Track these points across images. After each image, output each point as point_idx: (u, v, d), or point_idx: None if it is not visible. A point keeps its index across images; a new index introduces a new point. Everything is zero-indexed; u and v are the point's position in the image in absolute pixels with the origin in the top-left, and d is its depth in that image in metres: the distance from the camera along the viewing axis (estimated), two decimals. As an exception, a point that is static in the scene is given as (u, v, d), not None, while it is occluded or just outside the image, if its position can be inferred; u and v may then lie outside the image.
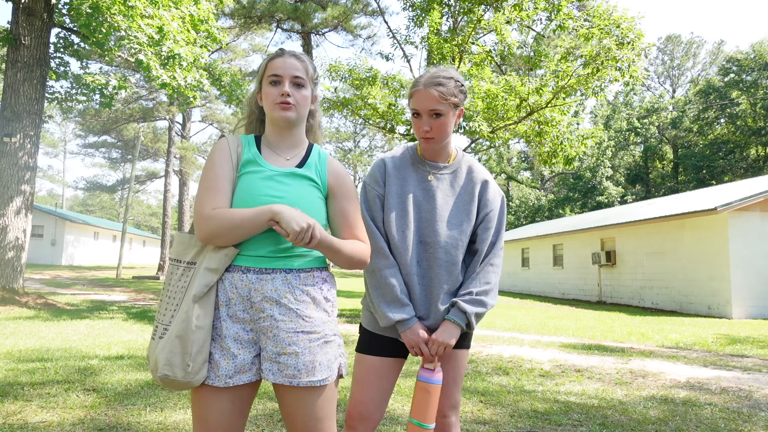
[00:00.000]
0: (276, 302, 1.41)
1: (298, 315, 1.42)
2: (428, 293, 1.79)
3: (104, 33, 8.93)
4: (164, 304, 1.44)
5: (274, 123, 1.55)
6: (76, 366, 4.53)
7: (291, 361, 1.39)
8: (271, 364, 1.40)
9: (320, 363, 1.41)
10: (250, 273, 1.42)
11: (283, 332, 1.40)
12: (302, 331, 1.41)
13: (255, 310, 1.42)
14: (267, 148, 1.56)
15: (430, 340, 1.73)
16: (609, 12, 9.18)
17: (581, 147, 10.11)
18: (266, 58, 1.57)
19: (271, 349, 1.40)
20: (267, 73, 1.53)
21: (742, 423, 3.43)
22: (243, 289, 1.42)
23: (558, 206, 43.21)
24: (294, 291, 1.43)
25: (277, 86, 1.51)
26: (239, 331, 1.42)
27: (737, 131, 37.46)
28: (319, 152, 1.61)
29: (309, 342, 1.41)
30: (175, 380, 1.35)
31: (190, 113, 33.25)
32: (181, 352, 1.34)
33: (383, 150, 43.35)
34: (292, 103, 1.50)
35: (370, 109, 10.44)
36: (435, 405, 1.70)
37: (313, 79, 1.58)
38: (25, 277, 10.01)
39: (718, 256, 12.55)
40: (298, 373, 1.39)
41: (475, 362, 5.40)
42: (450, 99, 1.72)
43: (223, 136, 1.58)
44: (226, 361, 1.39)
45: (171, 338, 1.36)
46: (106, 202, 65.50)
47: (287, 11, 18.50)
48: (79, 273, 23.39)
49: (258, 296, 1.41)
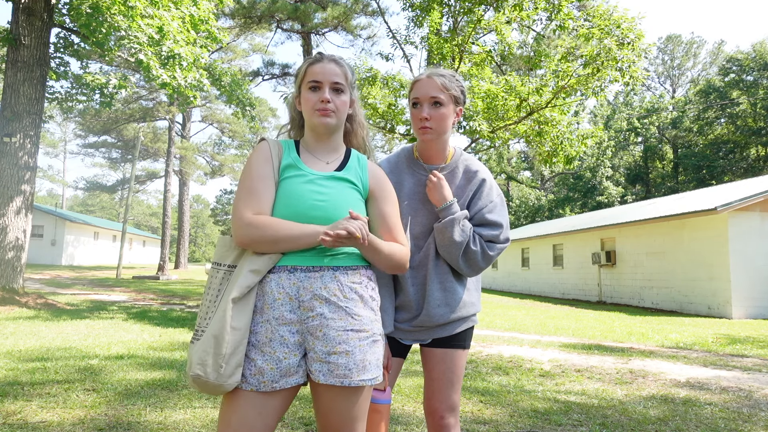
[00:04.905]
0: (326, 300, 1.40)
1: (348, 313, 1.41)
2: (422, 293, 1.79)
3: (104, 33, 8.93)
4: (204, 308, 1.42)
5: (314, 128, 1.55)
6: (76, 366, 4.53)
7: (342, 360, 1.37)
8: (321, 365, 1.38)
9: (370, 362, 1.41)
10: (297, 272, 1.41)
11: (333, 330, 1.38)
12: (352, 330, 1.40)
13: (303, 309, 1.40)
14: (306, 152, 1.57)
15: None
16: (609, 12, 9.18)
17: (581, 147, 10.11)
18: (305, 62, 1.57)
19: (320, 349, 1.38)
20: (306, 78, 1.54)
21: (742, 423, 3.43)
22: (291, 288, 1.40)
23: (558, 206, 43.20)
24: (343, 288, 1.42)
25: (316, 92, 1.52)
26: (285, 333, 1.39)
27: (737, 131, 37.45)
28: (358, 156, 1.62)
29: (359, 341, 1.40)
30: (207, 382, 1.32)
31: (190, 113, 33.29)
32: (214, 353, 1.31)
33: (383, 150, 43.30)
34: (332, 109, 1.51)
35: (370, 109, 10.44)
36: (387, 424, 1.69)
37: (351, 83, 1.58)
38: (25, 277, 10.01)
39: (718, 256, 12.54)
40: (350, 372, 1.37)
41: (475, 362, 5.40)
42: (451, 90, 1.73)
43: (263, 139, 1.58)
44: (271, 365, 1.36)
45: (207, 337, 1.34)
46: (106, 202, 65.55)
47: (287, 11, 18.50)
48: (79, 273, 23.40)
49: (307, 294, 1.40)
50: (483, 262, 1.75)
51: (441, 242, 1.74)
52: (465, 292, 1.82)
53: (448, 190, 1.75)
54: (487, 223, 1.78)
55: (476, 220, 1.79)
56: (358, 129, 1.67)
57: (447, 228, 1.71)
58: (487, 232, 1.77)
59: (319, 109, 1.50)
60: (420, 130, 1.75)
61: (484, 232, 1.77)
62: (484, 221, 1.78)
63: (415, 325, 1.79)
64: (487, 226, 1.78)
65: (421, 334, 1.81)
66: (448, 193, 1.74)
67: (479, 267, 1.76)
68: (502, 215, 1.81)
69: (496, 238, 1.77)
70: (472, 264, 1.75)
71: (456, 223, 1.71)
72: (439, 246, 1.76)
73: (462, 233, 1.71)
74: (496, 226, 1.78)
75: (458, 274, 1.81)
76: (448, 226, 1.71)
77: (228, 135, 34.37)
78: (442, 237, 1.73)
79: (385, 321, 1.75)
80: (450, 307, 1.78)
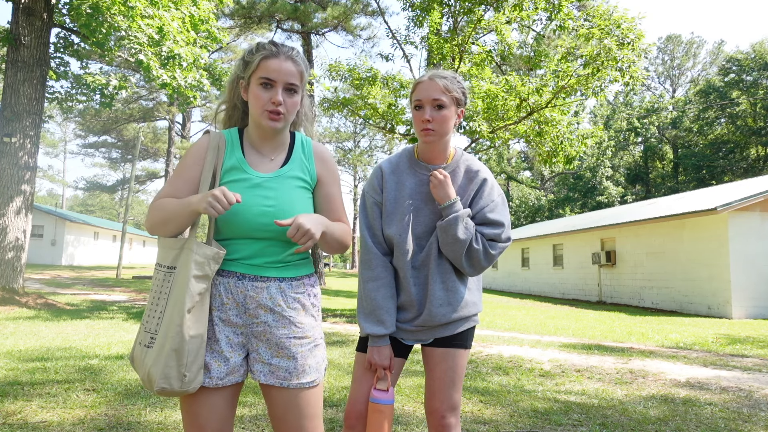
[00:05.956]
0: (270, 310, 1.45)
1: (291, 322, 1.46)
2: (424, 292, 1.79)
3: (104, 33, 8.93)
4: (149, 310, 1.44)
5: (260, 128, 1.49)
6: (76, 366, 4.53)
7: (284, 363, 1.44)
8: (263, 366, 1.45)
9: (310, 366, 1.47)
10: (245, 280, 1.44)
11: (276, 337, 1.44)
12: (295, 337, 1.45)
13: (249, 315, 1.45)
14: (250, 148, 1.52)
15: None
16: (609, 12, 9.18)
17: (581, 147, 10.12)
18: (259, 53, 1.45)
19: (264, 351, 1.45)
20: (259, 72, 1.43)
21: (742, 423, 3.43)
22: (238, 295, 1.44)
23: (558, 206, 43.22)
24: (287, 299, 1.47)
25: (268, 90, 1.43)
26: (230, 334, 1.44)
27: (737, 131, 37.47)
28: (302, 142, 1.58)
29: (301, 347, 1.46)
30: (172, 391, 1.36)
31: (190, 113, 33.28)
32: (176, 365, 1.35)
33: (383, 150, 43.33)
34: (282, 112, 1.44)
35: (370, 109, 10.45)
36: (390, 425, 1.71)
37: (304, 81, 1.51)
38: (25, 277, 10.01)
39: (718, 256, 12.55)
40: (290, 375, 1.43)
41: (475, 362, 5.40)
42: (453, 92, 1.74)
43: (207, 132, 1.54)
44: (218, 363, 1.42)
45: (166, 351, 1.34)
46: (106, 202, 65.52)
47: (287, 11, 18.52)
48: (79, 273, 23.39)
49: (253, 303, 1.44)
50: (485, 261, 1.76)
51: (444, 240, 1.74)
52: (467, 291, 1.83)
53: (452, 188, 1.76)
54: (489, 223, 1.79)
55: (478, 220, 1.79)
56: (303, 120, 1.62)
57: (451, 225, 1.72)
58: (489, 231, 1.77)
59: (270, 110, 1.43)
60: (422, 132, 1.76)
61: (486, 231, 1.77)
62: (485, 220, 1.79)
63: (417, 325, 1.79)
64: (489, 226, 1.79)
65: (423, 334, 1.81)
66: (452, 191, 1.75)
67: (481, 266, 1.77)
68: (504, 214, 1.81)
69: (497, 237, 1.77)
70: (475, 263, 1.75)
71: (460, 221, 1.72)
72: (442, 244, 1.76)
73: (466, 231, 1.72)
74: (497, 225, 1.79)
75: (460, 273, 1.81)
76: (452, 223, 1.72)
77: (228, 135, 34.33)
78: (445, 235, 1.74)
79: (388, 321, 1.76)
80: (452, 306, 1.78)
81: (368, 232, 1.83)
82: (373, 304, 1.76)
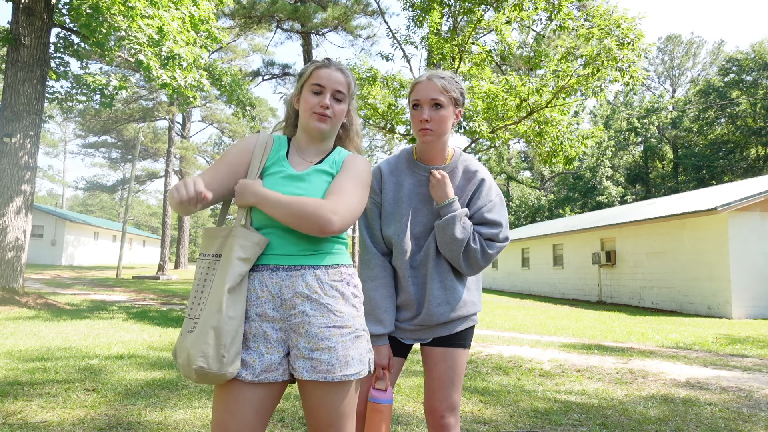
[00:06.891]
0: (307, 297, 1.42)
1: (329, 310, 1.43)
2: (423, 292, 1.80)
3: (104, 33, 8.93)
4: (193, 299, 1.44)
5: (307, 130, 1.58)
6: (76, 366, 4.53)
7: (325, 356, 1.39)
8: (304, 362, 1.41)
9: (353, 357, 1.43)
10: (279, 270, 1.44)
11: (315, 327, 1.41)
12: (334, 326, 1.42)
13: (286, 307, 1.43)
14: (295, 152, 1.60)
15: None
16: (609, 12, 9.18)
17: (581, 147, 10.12)
18: (312, 65, 1.61)
19: (303, 346, 1.41)
20: (311, 80, 1.57)
21: (742, 423, 3.43)
22: (273, 286, 1.43)
23: (558, 206, 43.21)
24: (324, 286, 1.45)
25: (318, 96, 1.55)
26: (268, 329, 1.42)
27: (737, 131, 37.47)
28: (341, 151, 1.65)
29: (341, 336, 1.42)
30: (209, 373, 1.33)
31: (190, 113, 33.30)
32: (215, 344, 1.33)
33: (383, 150, 43.31)
34: (329, 115, 1.55)
35: (370, 109, 10.45)
36: (389, 424, 1.70)
37: (352, 94, 1.64)
38: (25, 277, 10.01)
39: (718, 256, 12.55)
40: (332, 368, 1.39)
41: (475, 362, 5.40)
42: (451, 92, 1.75)
43: (259, 131, 1.62)
44: (253, 359, 1.40)
45: (205, 329, 1.35)
46: (106, 202, 65.52)
47: (287, 11, 18.52)
48: (79, 273, 23.40)
49: (289, 293, 1.42)
50: (483, 260, 1.76)
51: (442, 239, 1.75)
52: (465, 291, 1.83)
53: (451, 188, 1.76)
54: (487, 222, 1.79)
55: (476, 219, 1.80)
56: (354, 137, 1.71)
57: (449, 225, 1.73)
58: (487, 230, 1.78)
59: (318, 112, 1.54)
60: (420, 132, 1.76)
61: (484, 230, 1.78)
62: (483, 220, 1.79)
63: (416, 325, 1.80)
64: (487, 225, 1.79)
65: (422, 333, 1.82)
66: (450, 191, 1.75)
67: (479, 265, 1.77)
68: (501, 214, 1.82)
69: (495, 236, 1.78)
70: (473, 262, 1.76)
71: (457, 220, 1.72)
72: (440, 243, 1.77)
73: (463, 230, 1.73)
74: (495, 225, 1.79)
75: (459, 273, 1.82)
76: (450, 223, 1.72)
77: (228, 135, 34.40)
78: (443, 234, 1.74)
79: (387, 320, 1.76)
80: (450, 305, 1.79)
81: (367, 232, 1.84)
82: (371, 304, 1.76)
